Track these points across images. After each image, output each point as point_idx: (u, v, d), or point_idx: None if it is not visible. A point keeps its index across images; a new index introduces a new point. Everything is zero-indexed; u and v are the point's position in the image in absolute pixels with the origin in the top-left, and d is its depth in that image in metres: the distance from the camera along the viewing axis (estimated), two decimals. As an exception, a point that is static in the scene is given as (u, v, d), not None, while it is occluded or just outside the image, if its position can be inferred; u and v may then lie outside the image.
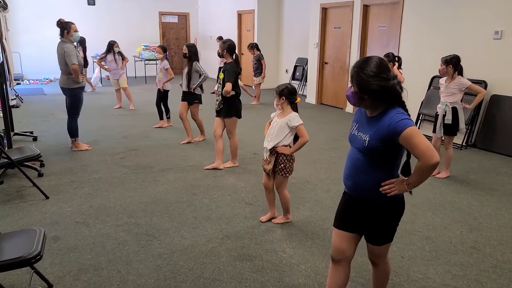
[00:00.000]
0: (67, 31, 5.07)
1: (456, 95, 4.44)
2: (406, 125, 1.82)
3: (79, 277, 2.70)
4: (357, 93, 1.92)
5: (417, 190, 4.20)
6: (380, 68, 1.87)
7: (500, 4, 5.53)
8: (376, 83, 1.85)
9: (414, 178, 1.91)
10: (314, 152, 5.50)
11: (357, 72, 1.90)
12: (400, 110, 1.91)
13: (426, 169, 1.84)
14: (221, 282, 2.67)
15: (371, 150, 1.93)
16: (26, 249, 2.18)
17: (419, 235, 3.33)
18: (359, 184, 2.04)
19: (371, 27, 7.79)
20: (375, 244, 2.13)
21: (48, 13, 11.96)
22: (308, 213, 3.70)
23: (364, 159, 1.99)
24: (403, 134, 1.82)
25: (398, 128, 1.83)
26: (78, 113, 5.40)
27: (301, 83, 10.42)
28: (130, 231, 3.34)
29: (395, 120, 1.85)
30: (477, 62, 5.84)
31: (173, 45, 14.52)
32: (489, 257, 3.00)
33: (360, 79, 1.88)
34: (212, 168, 4.79)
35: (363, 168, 2.00)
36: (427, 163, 1.82)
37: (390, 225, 2.08)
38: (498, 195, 4.17)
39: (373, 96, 1.89)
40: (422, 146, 1.81)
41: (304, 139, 3.25)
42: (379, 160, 1.96)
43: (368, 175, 1.99)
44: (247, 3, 11.41)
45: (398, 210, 2.07)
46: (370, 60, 1.90)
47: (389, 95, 1.90)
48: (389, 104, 1.92)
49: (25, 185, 4.20)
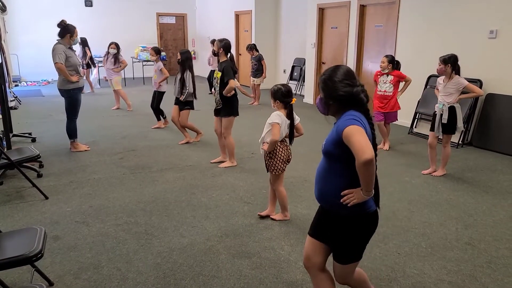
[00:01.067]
0: (71, 34, 5.09)
1: (454, 95, 4.48)
2: (346, 125, 1.83)
3: (80, 276, 2.73)
4: (323, 99, 1.99)
5: (414, 187, 4.30)
6: (345, 75, 1.93)
7: (495, 4, 5.58)
8: (340, 89, 1.91)
9: (361, 180, 1.85)
10: (312, 152, 5.54)
11: (324, 79, 1.97)
12: (353, 113, 1.89)
13: (359, 166, 1.79)
14: (220, 279, 2.71)
15: (327, 154, 1.97)
16: (27, 248, 2.22)
17: (415, 231, 3.37)
18: (322, 191, 2.02)
19: (368, 27, 7.84)
20: (338, 262, 2.03)
21: (45, 14, 11.99)
22: (306, 211, 3.73)
23: (325, 165, 2.00)
24: (343, 133, 1.83)
25: (340, 129, 1.85)
26: (76, 114, 5.41)
27: (299, 83, 10.47)
28: (129, 230, 3.37)
29: (341, 121, 1.89)
30: (472, 61, 5.90)
31: (171, 46, 14.55)
32: (484, 253, 3.04)
33: (325, 85, 1.96)
34: (218, 161, 5.00)
35: (325, 174, 2.00)
36: (358, 160, 1.77)
37: (355, 242, 1.97)
38: (493, 193, 4.22)
39: (338, 101, 1.94)
40: (356, 144, 1.78)
41: (272, 138, 3.26)
42: (338, 164, 1.94)
43: (329, 182, 1.97)
44: (245, 3, 11.45)
45: (366, 225, 1.96)
46: (338, 68, 1.97)
47: (353, 101, 1.92)
48: (349, 109, 1.93)
49: (25, 186, 4.23)
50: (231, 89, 4.53)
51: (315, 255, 2.09)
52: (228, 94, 4.55)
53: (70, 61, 5.11)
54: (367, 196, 1.87)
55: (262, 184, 4.32)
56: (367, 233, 1.98)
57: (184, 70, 5.65)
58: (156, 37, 14.11)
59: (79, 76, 5.24)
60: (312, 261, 2.11)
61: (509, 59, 5.50)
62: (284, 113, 3.30)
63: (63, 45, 5.07)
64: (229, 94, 4.56)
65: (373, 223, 1.98)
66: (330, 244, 2.05)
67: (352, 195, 1.89)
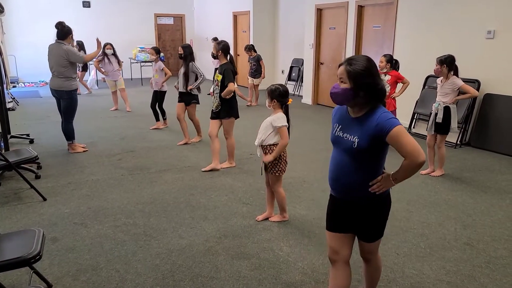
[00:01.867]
0: (72, 34, 5.16)
1: (450, 95, 4.49)
2: (394, 124, 1.85)
3: (78, 277, 2.73)
4: (352, 89, 1.90)
5: (412, 188, 4.30)
6: (374, 66, 1.95)
7: (493, 4, 5.60)
8: (372, 80, 1.90)
9: (401, 174, 1.94)
10: (310, 152, 5.55)
11: (355, 68, 1.89)
12: (385, 110, 1.94)
13: (413, 167, 1.89)
14: (219, 280, 2.71)
15: (360, 151, 1.94)
16: (26, 249, 2.21)
17: (414, 232, 3.37)
18: (346, 186, 2.05)
19: (366, 28, 7.85)
20: (367, 241, 2.16)
21: (43, 16, 11.97)
22: (305, 212, 3.73)
23: (350, 160, 2.00)
24: (391, 133, 1.85)
25: (386, 128, 1.86)
26: (74, 115, 5.43)
27: (297, 84, 10.47)
28: (128, 231, 3.37)
29: (383, 119, 1.88)
30: (470, 62, 5.91)
31: (169, 46, 14.54)
32: (483, 253, 3.05)
33: (358, 75, 1.89)
34: (210, 169, 4.81)
35: (350, 169, 2.00)
36: (413, 162, 1.87)
37: (379, 221, 2.11)
38: (491, 193, 4.23)
39: (369, 92, 1.91)
40: (409, 145, 1.85)
41: (283, 142, 3.26)
42: (366, 160, 1.98)
43: (355, 177, 2.00)
44: (243, 4, 11.45)
45: (386, 205, 2.10)
46: (363, 58, 1.94)
47: (380, 93, 1.95)
48: (375, 103, 1.95)
49: (23, 187, 4.21)
50: (230, 92, 4.52)
51: (342, 248, 2.14)
52: (227, 96, 4.54)
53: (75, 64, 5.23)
54: (393, 184, 1.97)
55: (260, 185, 4.31)
56: (387, 213, 2.13)
57: (187, 64, 5.63)
58: (154, 38, 14.10)
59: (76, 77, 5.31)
60: (340, 254, 2.15)
61: (507, 59, 5.51)
62: (282, 112, 3.30)
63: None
64: (228, 97, 4.56)
65: (390, 201, 2.13)
66: (354, 230, 2.13)
67: (381, 183, 1.97)
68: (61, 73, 5.14)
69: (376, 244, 2.19)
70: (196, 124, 6.08)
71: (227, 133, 4.77)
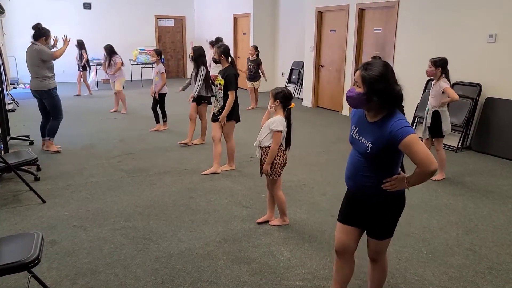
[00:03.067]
0: (46, 38, 5.20)
1: (437, 98, 4.48)
2: (407, 133, 1.88)
3: (77, 281, 2.70)
4: (366, 94, 1.93)
5: (413, 192, 4.27)
6: (390, 71, 1.95)
7: (494, 8, 5.59)
8: (386, 85, 1.91)
9: (415, 179, 1.97)
10: (310, 155, 5.52)
11: (369, 74, 1.92)
12: (401, 116, 1.96)
13: (425, 175, 1.92)
14: (218, 285, 2.68)
15: (373, 155, 2.00)
16: (24, 253, 2.18)
17: (415, 237, 3.35)
18: (359, 185, 2.11)
19: (367, 31, 7.84)
20: (376, 238, 2.18)
21: (43, 17, 11.92)
22: (305, 216, 3.71)
23: (365, 162, 2.06)
24: (404, 142, 1.88)
25: (399, 136, 1.89)
26: (62, 112, 5.51)
27: (297, 86, 10.46)
28: (127, 234, 3.34)
29: (396, 127, 1.90)
30: (471, 65, 5.90)
31: (169, 48, 14.53)
32: (485, 259, 3.02)
33: (372, 81, 1.91)
34: (210, 173, 4.79)
35: (364, 170, 2.06)
36: (425, 171, 1.89)
37: (391, 219, 2.13)
38: (493, 197, 4.20)
39: (383, 98, 1.92)
40: (421, 154, 1.88)
41: (272, 146, 3.24)
42: (380, 163, 2.03)
43: (369, 177, 2.06)
44: (243, 6, 11.45)
45: (399, 204, 2.12)
46: (380, 63, 1.96)
47: (395, 99, 1.95)
48: (391, 109, 1.96)
49: (22, 189, 4.19)
50: (232, 101, 4.51)
51: (350, 241, 2.22)
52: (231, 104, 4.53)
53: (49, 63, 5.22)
54: (408, 187, 2.01)
55: (260, 189, 4.29)
56: (400, 211, 2.14)
57: (198, 67, 5.61)
58: (155, 39, 14.10)
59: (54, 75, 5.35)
60: (347, 247, 2.23)
61: (508, 63, 5.50)
62: (283, 116, 3.28)
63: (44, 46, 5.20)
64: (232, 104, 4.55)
65: (404, 202, 2.14)
66: (364, 226, 2.18)
67: (394, 183, 2.00)
68: (36, 72, 5.20)
69: (384, 243, 2.21)
70: (203, 125, 6.07)
71: (227, 136, 4.76)
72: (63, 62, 11.05)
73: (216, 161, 4.82)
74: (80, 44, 10.31)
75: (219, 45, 4.67)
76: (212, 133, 4.77)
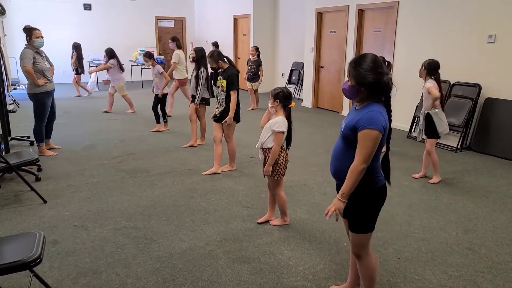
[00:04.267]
0: (29, 37, 5.05)
1: (427, 99, 4.44)
2: (368, 126, 1.98)
3: (78, 281, 2.71)
4: (355, 86, 2.06)
5: (413, 192, 4.29)
6: (375, 63, 2.03)
7: (494, 8, 5.61)
8: (372, 76, 2.01)
9: (346, 183, 2.06)
10: (310, 156, 5.54)
11: (354, 67, 2.05)
12: (379, 109, 2.03)
13: (353, 170, 2.02)
14: (219, 284, 2.69)
15: (345, 137, 2.12)
16: (26, 253, 2.19)
17: (415, 236, 3.36)
18: (336, 168, 2.20)
19: (367, 31, 7.86)
20: (354, 231, 2.22)
21: (44, 18, 11.99)
22: (305, 216, 3.72)
23: (343, 145, 2.16)
24: (362, 131, 1.99)
25: (362, 125, 2.00)
26: (43, 119, 5.34)
27: (297, 87, 10.48)
28: (128, 234, 3.35)
29: (366, 116, 2.00)
30: (471, 66, 5.92)
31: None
32: (485, 258, 3.04)
33: (358, 73, 2.03)
34: (210, 173, 4.80)
35: (341, 153, 2.16)
36: (355, 165, 2.02)
37: (367, 212, 2.16)
38: (493, 197, 4.22)
39: (370, 88, 2.03)
40: (365, 150, 1.99)
41: (274, 147, 3.25)
42: (353, 146, 2.07)
43: (344, 160, 2.13)
44: (243, 7, 11.47)
45: (376, 198, 2.15)
46: (366, 56, 2.06)
47: (383, 88, 2.05)
48: (377, 98, 2.07)
49: (23, 190, 4.20)
50: (235, 101, 4.53)
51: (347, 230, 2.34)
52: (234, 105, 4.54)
53: (37, 65, 5.08)
54: (343, 201, 2.09)
55: (261, 189, 4.31)
56: (376, 205, 2.17)
57: (199, 68, 5.62)
58: (155, 40, 14.12)
59: (46, 80, 5.17)
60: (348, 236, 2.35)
61: (508, 64, 5.52)
62: (284, 116, 3.29)
63: (31, 49, 5.05)
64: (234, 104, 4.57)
65: (382, 195, 2.17)
66: (347, 216, 2.23)
67: (331, 207, 2.12)
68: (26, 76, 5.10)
69: (363, 237, 2.22)
70: (203, 126, 6.07)
71: (228, 137, 4.77)
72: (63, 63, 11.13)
73: (217, 161, 4.83)
74: (77, 47, 10.27)
75: (210, 55, 4.65)
76: (214, 133, 4.78)
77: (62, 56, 10.94)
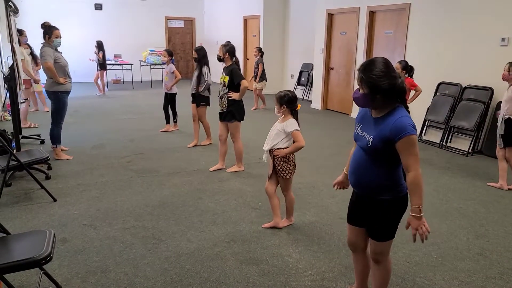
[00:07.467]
0: (48, 36, 5.01)
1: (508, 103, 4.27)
2: (409, 132, 1.91)
3: (87, 279, 2.72)
4: (369, 94, 1.97)
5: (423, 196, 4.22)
6: (387, 67, 1.96)
7: (507, 11, 5.53)
8: (387, 82, 1.93)
9: (413, 197, 2.00)
10: (319, 158, 5.51)
11: (366, 73, 1.96)
12: (405, 113, 1.98)
13: (417, 180, 1.96)
14: (227, 285, 2.68)
15: (374, 150, 2.02)
16: (36, 250, 2.20)
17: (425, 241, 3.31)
18: (361, 180, 2.13)
19: (377, 33, 7.81)
20: (376, 240, 2.18)
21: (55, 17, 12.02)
22: (314, 218, 3.70)
23: (367, 157, 2.08)
24: (404, 139, 1.91)
25: (401, 133, 1.91)
26: (62, 119, 5.29)
27: (307, 89, 10.45)
28: (137, 234, 3.36)
29: (398, 124, 1.93)
30: (483, 69, 5.85)
31: (179, 49, 14.60)
32: (496, 264, 2.99)
33: (371, 80, 1.94)
34: (216, 169, 4.90)
35: (366, 165, 2.09)
36: (413, 173, 1.95)
37: (391, 221, 2.13)
38: (504, 202, 4.16)
39: (385, 94, 1.95)
40: (414, 157, 1.93)
41: (299, 144, 3.26)
42: (380, 159, 2.04)
43: (370, 172, 2.08)
44: (253, 8, 11.47)
45: (400, 206, 2.11)
46: (376, 61, 1.98)
47: (398, 93, 1.98)
48: (395, 104, 2.00)
49: (33, 188, 4.23)
50: (245, 88, 4.54)
51: (357, 240, 2.32)
52: (243, 95, 4.56)
53: (59, 62, 5.05)
54: (421, 215, 2.01)
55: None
56: (400, 213, 2.13)
57: (201, 67, 5.66)
58: (165, 40, 14.18)
59: (67, 79, 5.14)
60: (356, 245, 2.35)
61: (520, 67, 5.43)
62: (292, 118, 3.31)
63: (50, 48, 5.03)
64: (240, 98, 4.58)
65: (405, 204, 2.13)
66: (367, 226, 2.22)
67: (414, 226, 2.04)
68: (46, 73, 5.05)
69: (385, 245, 2.20)
70: (206, 126, 6.08)
71: (234, 137, 4.76)
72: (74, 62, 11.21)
73: (221, 158, 4.91)
74: (100, 45, 10.49)
75: (225, 44, 4.71)
76: (219, 132, 4.81)
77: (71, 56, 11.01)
